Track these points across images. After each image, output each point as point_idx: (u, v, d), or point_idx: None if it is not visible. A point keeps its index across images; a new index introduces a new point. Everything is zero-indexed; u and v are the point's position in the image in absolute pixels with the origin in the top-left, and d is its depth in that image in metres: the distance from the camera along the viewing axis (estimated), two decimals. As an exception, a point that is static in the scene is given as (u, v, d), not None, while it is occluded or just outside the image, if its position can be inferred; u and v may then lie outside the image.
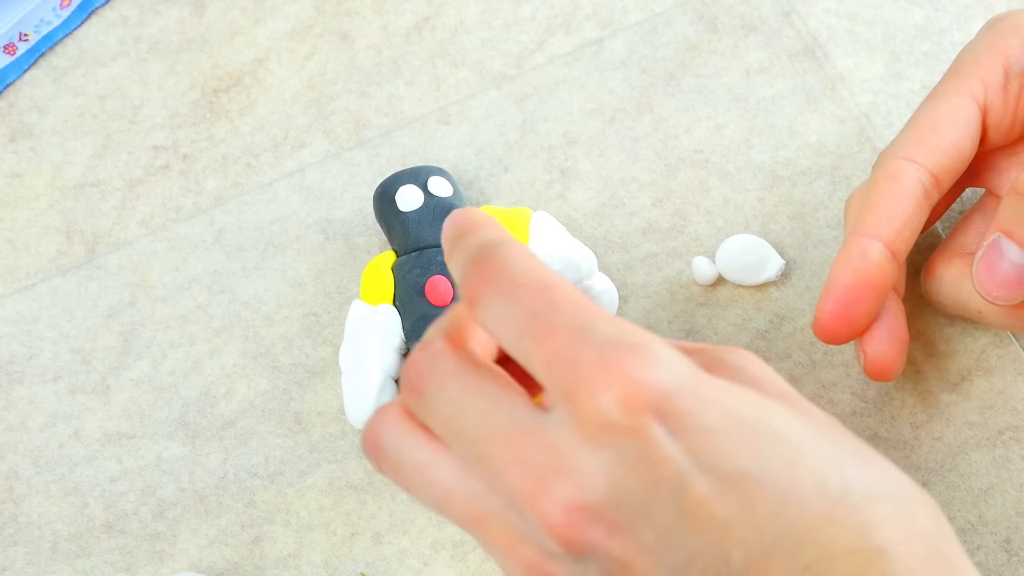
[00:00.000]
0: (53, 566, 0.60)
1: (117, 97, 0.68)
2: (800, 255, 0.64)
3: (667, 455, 0.41)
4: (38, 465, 0.62)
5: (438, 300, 0.60)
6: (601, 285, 0.62)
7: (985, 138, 0.59)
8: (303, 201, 0.66)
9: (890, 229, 0.56)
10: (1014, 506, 0.59)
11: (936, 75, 0.67)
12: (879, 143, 0.66)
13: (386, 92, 0.68)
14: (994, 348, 0.62)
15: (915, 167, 0.57)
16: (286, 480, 0.61)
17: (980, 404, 0.61)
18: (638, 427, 0.41)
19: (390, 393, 0.60)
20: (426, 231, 0.62)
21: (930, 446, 0.61)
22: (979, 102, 0.58)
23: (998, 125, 0.58)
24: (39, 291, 0.65)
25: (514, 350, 0.44)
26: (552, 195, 0.65)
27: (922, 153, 0.57)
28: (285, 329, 0.64)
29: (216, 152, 0.67)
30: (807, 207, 0.65)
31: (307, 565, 0.59)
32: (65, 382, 0.63)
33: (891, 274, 0.57)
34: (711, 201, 0.65)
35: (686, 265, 0.64)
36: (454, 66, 0.68)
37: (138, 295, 0.65)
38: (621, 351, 0.42)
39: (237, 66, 0.69)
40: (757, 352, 0.62)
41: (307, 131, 0.67)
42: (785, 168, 0.66)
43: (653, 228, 0.65)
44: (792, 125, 0.66)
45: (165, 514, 0.61)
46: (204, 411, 0.62)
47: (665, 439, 0.41)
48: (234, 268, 0.65)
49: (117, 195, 0.66)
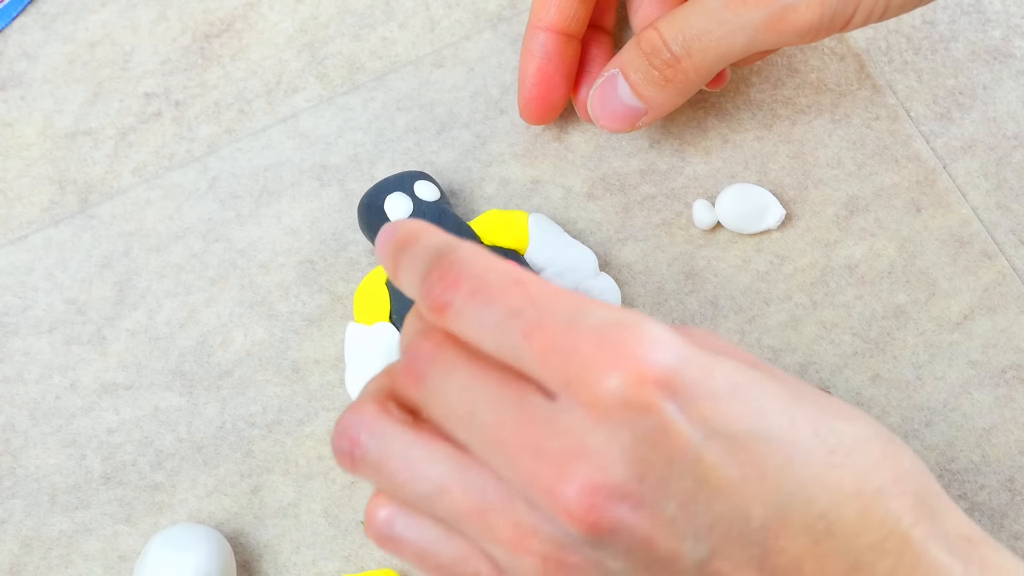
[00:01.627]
0: (52, 518, 0.60)
1: (107, 44, 0.68)
2: (799, 195, 0.63)
3: (680, 427, 0.42)
4: (35, 417, 0.61)
5: None
6: (603, 284, 0.61)
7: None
8: (297, 147, 0.65)
9: (556, 15, 0.62)
10: (1017, 445, 0.59)
11: (935, 9, 0.66)
12: (879, 80, 0.65)
13: (380, 35, 0.67)
14: (997, 286, 0.61)
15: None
16: (284, 429, 0.61)
17: (983, 343, 0.61)
18: (649, 403, 0.42)
19: None
20: None
21: (933, 386, 0.60)
22: None
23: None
24: (32, 242, 0.64)
25: (499, 350, 0.43)
26: (549, 138, 0.65)
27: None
28: (281, 277, 0.63)
29: (208, 98, 0.66)
30: (806, 146, 0.64)
31: (307, 514, 0.59)
32: (60, 333, 0.63)
33: (568, 54, 0.63)
34: (709, 141, 0.64)
35: (685, 207, 0.63)
36: (448, 7, 0.68)
37: (132, 244, 0.64)
38: (618, 333, 0.42)
39: (228, 10, 0.68)
40: (758, 294, 0.62)
41: (300, 76, 0.67)
42: (784, 107, 0.65)
43: (651, 170, 0.64)
44: (791, 63, 0.66)
45: (163, 465, 0.60)
46: (201, 361, 0.62)
47: (676, 412, 0.42)
48: (228, 216, 0.64)
49: (109, 143, 0.66)
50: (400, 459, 0.45)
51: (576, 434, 0.42)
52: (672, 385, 0.42)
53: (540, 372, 0.42)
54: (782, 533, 0.42)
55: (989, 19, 0.66)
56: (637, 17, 0.63)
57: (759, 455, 0.42)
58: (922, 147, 0.64)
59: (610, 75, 0.60)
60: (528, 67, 0.63)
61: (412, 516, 0.46)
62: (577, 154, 0.65)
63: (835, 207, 0.63)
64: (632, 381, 0.42)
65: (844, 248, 0.63)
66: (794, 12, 0.56)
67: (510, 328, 0.43)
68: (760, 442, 0.42)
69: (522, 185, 0.64)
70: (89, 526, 0.60)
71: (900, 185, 0.64)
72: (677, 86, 0.59)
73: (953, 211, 0.63)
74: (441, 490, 0.44)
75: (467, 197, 0.64)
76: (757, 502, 0.42)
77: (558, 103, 0.63)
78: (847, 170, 0.64)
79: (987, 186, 0.64)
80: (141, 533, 0.59)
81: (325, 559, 0.59)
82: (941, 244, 0.63)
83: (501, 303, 0.43)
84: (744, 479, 0.42)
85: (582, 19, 0.62)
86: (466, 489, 0.44)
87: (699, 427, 0.42)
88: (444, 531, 0.45)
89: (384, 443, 0.45)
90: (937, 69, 0.66)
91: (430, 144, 0.65)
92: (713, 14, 0.57)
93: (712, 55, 0.58)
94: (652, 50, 0.59)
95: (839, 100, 0.65)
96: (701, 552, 0.42)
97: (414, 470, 0.45)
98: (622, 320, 0.42)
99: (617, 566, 0.43)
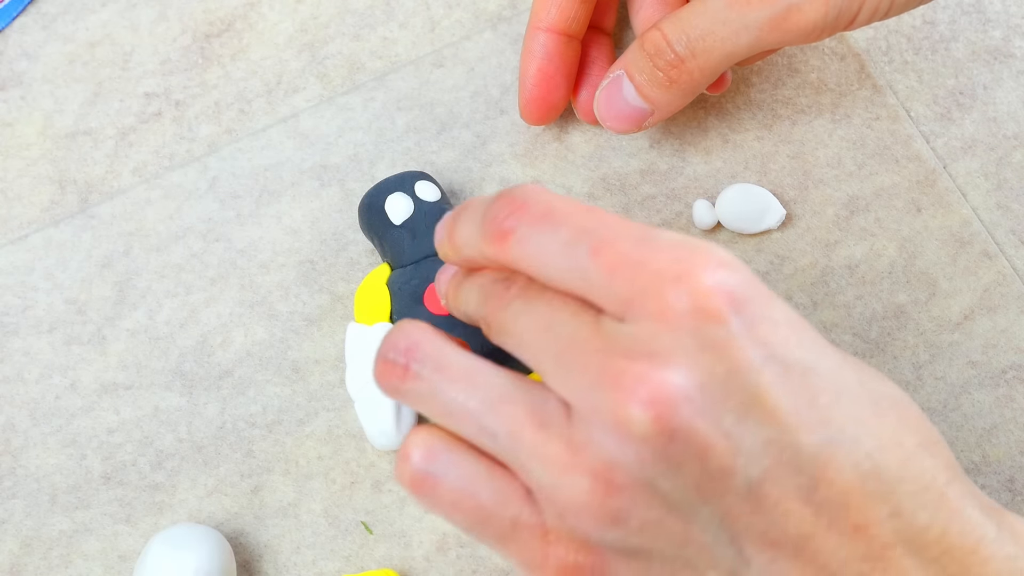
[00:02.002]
0: (52, 518, 0.60)
1: (107, 43, 0.68)
2: (800, 195, 0.63)
3: (743, 342, 0.42)
4: (35, 417, 0.61)
5: (437, 308, 0.59)
6: None
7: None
8: (297, 147, 0.65)
9: (556, 15, 0.62)
10: (1017, 445, 0.59)
11: (935, 9, 0.66)
12: (880, 80, 0.65)
13: (380, 35, 0.67)
14: (997, 286, 0.61)
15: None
16: (284, 429, 0.61)
17: (983, 343, 0.61)
18: (717, 313, 0.42)
19: (407, 412, 0.59)
20: (422, 241, 0.60)
21: (933, 386, 0.60)
22: None
23: None
24: (32, 241, 0.64)
25: (564, 272, 0.44)
26: (549, 137, 0.65)
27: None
28: (281, 277, 0.63)
29: (209, 98, 0.66)
30: (806, 146, 0.64)
31: (307, 514, 0.59)
32: (60, 333, 0.63)
33: (569, 55, 0.62)
34: (709, 141, 0.64)
35: (685, 207, 0.63)
36: (448, 7, 0.68)
37: (132, 244, 0.64)
38: (688, 250, 0.43)
39: (229, 10, 0.68)
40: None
41: (300, 76, 0.67)
42: (784, 107, 0.65)
43: (651, 170, 0.64)
44: (791, 63, 0.66)
45: (163, 465, 0.60)
46: (201, 361, 0.62)
47: (740, 327, 0.43)
48: (229, 216, 0.64)
49: (109, 143, 0.66)
50: (459, 367, 0.45)
51: (643, 342, 0.42)
52: (739, 302, 0.43)
53: (608, 287, 0.43)
54: (831, 466, 0.42)
55: (989, 19, 0.66)
56: (639, 18, 0.63)
57: (811, 387, 0.43)
58: (922, 147, 0.64)
59: (615, 76, 0.60)
60: (529, 68, 0.63)
61: (453, 451, 0.46)
62: (577, 154, 0.65)
63: (835, 207, 0.63)
64: (702, 291, 0.42)
65: (844, 248, 0.63)
66: (798, 12, 0.56)
67: (578, 247, 0.44)
68: (813, 375, 0.43)
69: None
70: (89, 526, 0.60)
71: (900, 185, 0.64)
72: (682, 87, 0.59)
73: (953, 211, 0.63)
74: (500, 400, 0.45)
75: (467, 197, 0.64)
76: (806, 432, 0.42)
77: (558, 104, 0.63)
78: (847, 170, 0.64)
79: (987, 186, 0.64)
80: (141, 533, 0.59)
81: (325, 559, 0.59)
82: (941, 244, 0.63)
83: (570, 224, 0.44)
84: (796, 407, 0.42)
85: (583, 20, 0.62)
86: (523, 401, 0.44)
87: (760, 347, 0.43)
88: (486, 468, 0.46)
89: (444, 352, 0.46)
90: (937, 69, 0.66)
91: (430, 144, 0.65)
92: (717, 14, 0.57)
93: (716, 55, 0.58)
94: (656, 51, 0.59)
95: (839, 100, 0.65)
96: (754, 472, 0.42)
97: (474, 379, 0.45)
98: (692, 241, 0.43)
99: (667, 485, 0.43)
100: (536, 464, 0.44)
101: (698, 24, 0.58)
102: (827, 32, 0.57)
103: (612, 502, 0.43)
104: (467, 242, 0.47)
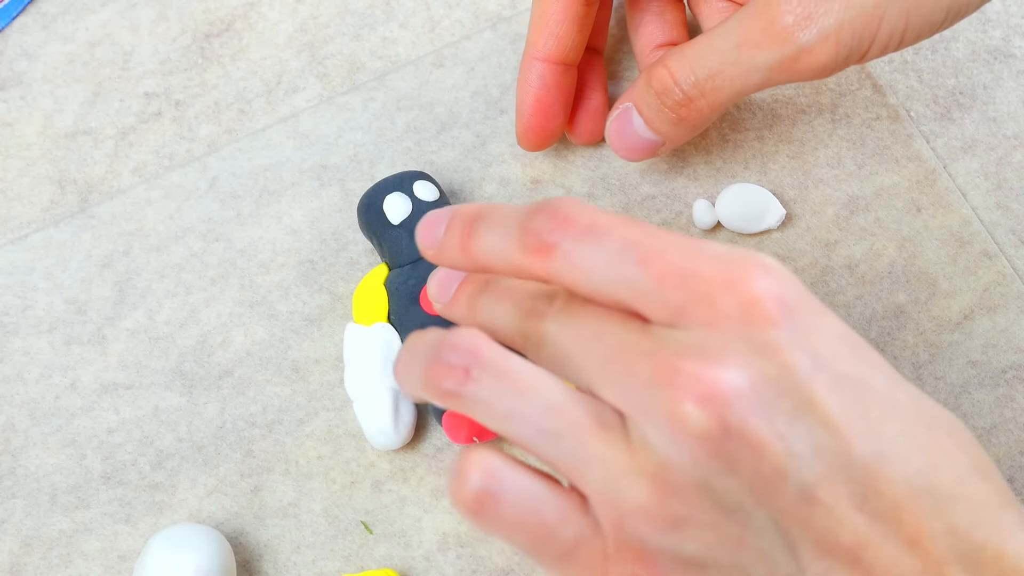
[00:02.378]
0: (52, 518, 0.60)
1: (107, 43, 0.68)
2: (800, 195, 0.63)
3: (794, 348, 0.42)
4: (35, 417, 0.61)
5: (433, 309, 0.59)
6: None
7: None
8: (297, 147, 0.65)
9: (554, 46, 0.61)
10: (1017, 445, 0.59)
11: (937, 10, 0.66)
12: (880, 80, 0.65)
13: (380, 35, 0.67)
14: (997, 286, 0.61)
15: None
16: (284, 429, 0.61)
17: (983, 343, 0.61)
18: (769, 317, 0.43)
19: (406, 412, 0.59)
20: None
21: (932, 386, 0.60)
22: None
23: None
24: (32, 241, 0.64)
25: (611, 285, 0.44)
26: (549, 137, 0.65)
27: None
28: (281, 277, 0.63)
29: (208, 98, 0.66)
30: (806, 146, 0.64)
31: (307, 514, 0.59)
32: (60, 333, 0.63)
33: (566, 83, 0.62)
34: (709, 141, 0.64)
35: (685, 207, 0.63)
36: (448, 7, 0.68)
37: (132, 244, 0.64)
38: (739, 262, 0.43)
39: (228, 10, 0.68)
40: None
41: (300, 75, 0.67)
42: (784, 107, 0.65)
43: (651, 169, 0.64)
44: (791, 63, 0.66)
45: (163, 464, 0.60)
46: (201, 361, 0.62)
47: (791, 333, 0.43)
48: (229, 216, 0.64)
49: (109, 143, 0.66)
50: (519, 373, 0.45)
51: (695, 345, 0.43)
52: (790, 309, 0.43)
53: (657, 296, 0.43)
54: (882, 476, 0.42)
55: (989, 19, 0.66)
56: (639, 40, 0.63)
57: (863, 400, 0.43)
58: (922, 147, 0.64)
59: (624, 109, 0.60)
60: (526, 98, 0.62)
61: (513, 469, 0.45)
62: (577, 154, 0.65)
63: (835, 207, 0.63)
64: (753, 297, 0.43)
65: (844, 248, 0.63)
66: (809, 54, 0.55)
67: (625, 258, 0.44)
68: (864, 389, 0.43)
69: (522, 185, 0.64)
70: (89, 526, 0.60)
71: (900, 185, 0.64)
72: (691, 123, 0.59)
73: (953, 211, 0.63)
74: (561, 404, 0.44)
75: (467, 197, 0.64)
76: (857, 441, 0.42)
77: (556, 131, 0.63)
78: (847, 170, 0.64)
79: (987, 186, 0.64)
80: (141, 533, 0.59)
81: (325, 559, 0.59)
82: (941, 244, 0.63)
83: (615, 236, 0.44)
84: (847, 416, 0.42)
85: (579, 47, 0.62)
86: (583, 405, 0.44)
87: (811, 355, 0.43)
88: (547, 485, 0.45)
89: (506, 358, 0.45)
90: (937, 69, 0.66)
91: (430, 144, 0.65)
92: (726, 55, 0.57)
93: (726, 94, 0.57)
94: (664, 90, 0.58)
95: (839, 100, 0.65)
96: (807, 475, 0.42)
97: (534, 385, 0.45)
98: (740, 249, 0.44)
99: (722, 485, 0.43)
100: (597, 467, 0.44)
101: (706, 65, 0.57)
102: (838, 70, 0.56)
103: (670, 505, 0.43)
104: (495, 252, 0.46)
